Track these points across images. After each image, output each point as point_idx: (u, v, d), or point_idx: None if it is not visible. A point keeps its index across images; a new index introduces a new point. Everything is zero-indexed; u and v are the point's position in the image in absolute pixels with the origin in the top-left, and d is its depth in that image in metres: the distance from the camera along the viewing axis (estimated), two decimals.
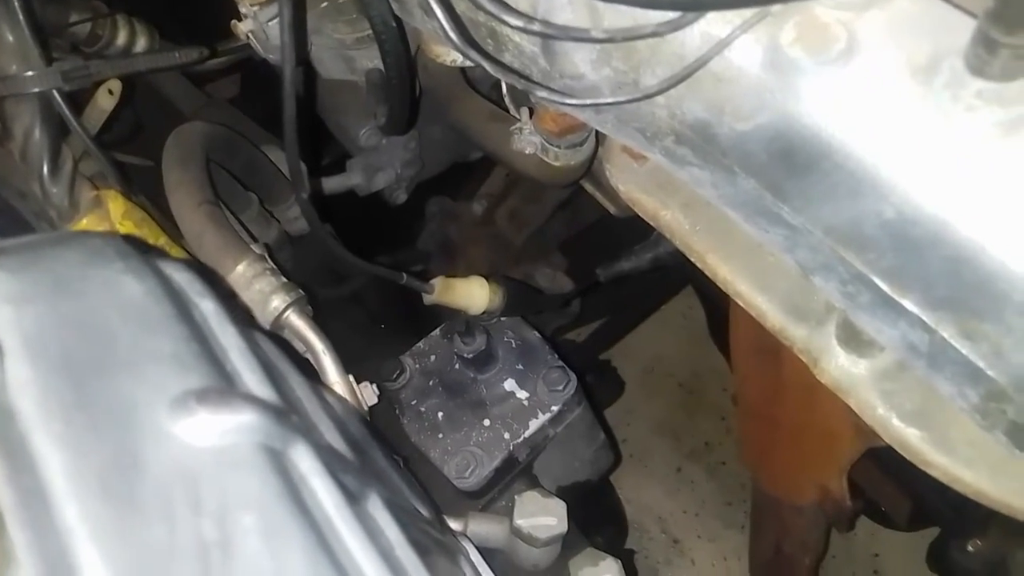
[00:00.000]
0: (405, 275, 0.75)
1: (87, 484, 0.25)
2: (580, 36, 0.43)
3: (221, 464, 0.28)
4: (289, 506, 0.29)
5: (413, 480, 0.68)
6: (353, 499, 0.38)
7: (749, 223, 0.57)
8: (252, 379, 0.35)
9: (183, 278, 0.38)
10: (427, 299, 0.79)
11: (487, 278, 0.79)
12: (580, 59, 0.55)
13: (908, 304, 0.47)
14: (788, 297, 0.64)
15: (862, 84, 0.43)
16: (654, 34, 0.44)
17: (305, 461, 0.33)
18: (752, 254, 0.65)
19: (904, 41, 0.43)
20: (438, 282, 0.77)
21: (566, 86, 0.59)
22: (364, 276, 1.30)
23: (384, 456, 0.64)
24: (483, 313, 0.90)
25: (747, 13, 0.45)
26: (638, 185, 0.71)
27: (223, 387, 0.31)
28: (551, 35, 0.45)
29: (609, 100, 0.49)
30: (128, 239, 0.38)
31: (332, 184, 1.16)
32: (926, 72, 0.42)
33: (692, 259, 0.68)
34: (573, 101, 0.50)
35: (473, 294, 0.77)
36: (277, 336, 0.76)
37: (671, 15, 0.44)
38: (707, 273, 0.68)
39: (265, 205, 1.09)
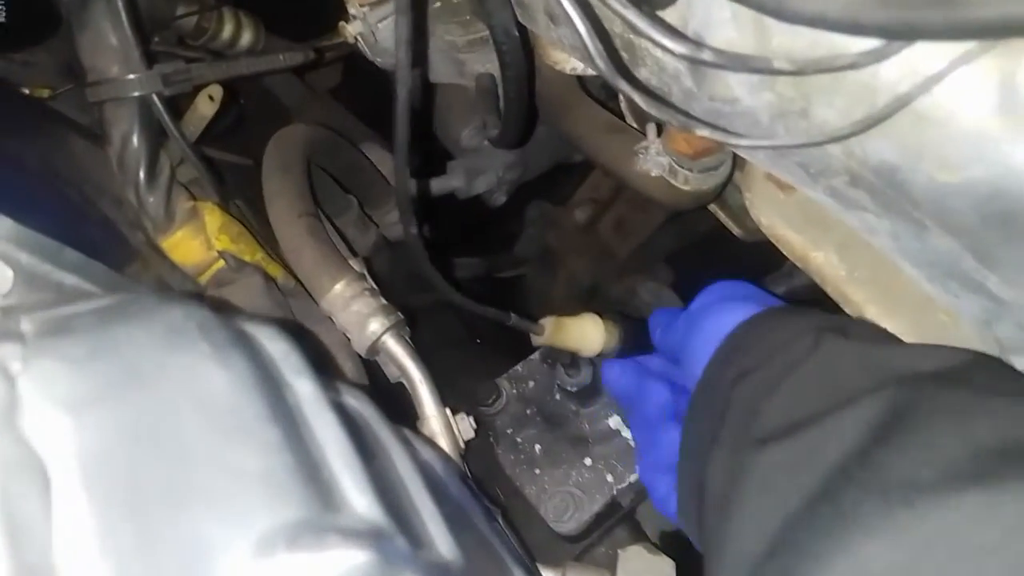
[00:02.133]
0: (513, 315, 0.68)
1: None
2: (761, 68, 0.35)
3: None
4: None
5: (510, 538, 0.61)
6: None
7: (933, 283, 0.48)
8: (352, 487, 0.29)
9: (277, 349, 0.32)
10: (535, 340, 0.72)
11: (601, 316, 0.72)
12: (736, 81, 0.47)
13: None
14: None
15: None
16: (853, 66, 0.35)
17: None
18: (921, 310, 0.55)
19: None
20: (548, 322, 0.70)
21: (713, 109, 0.51)
22: (460, 283, 1.25)
23: (483, 514, 0.58)
24: (599, 355, 0.83)
25: (969, 43, 0.36)
26: (784, 219, 0.62)
27: (318, 519, 0.25)
28: (724, 66, 0.37)
29: (787, 142, 0.40)
30: (214, 304, 0.32)
31: (433, 186, 1.11)
32: None
33: (847, 309, 0.59)
34: (745, 142, 0.42)
35: (587, 336, 0.70)
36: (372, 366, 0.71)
37: (873, 43, 0.36)
38: None
39: (364, 208, 1.05)
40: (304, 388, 0.31)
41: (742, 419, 0.46)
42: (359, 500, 0.29)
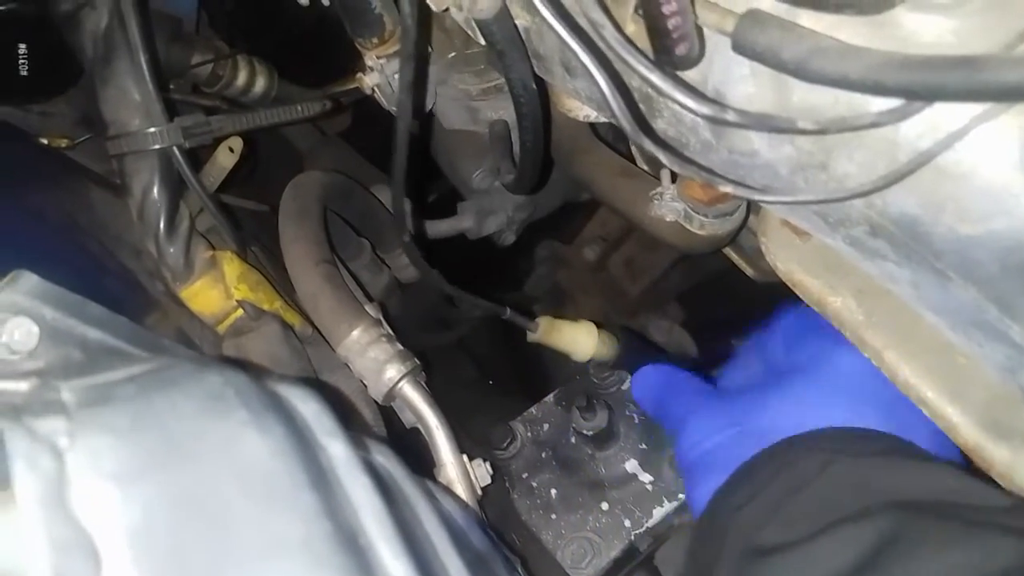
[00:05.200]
0: (508, 309, 0.69)
1: None
2: (785, 127, 0.35)
3: None
4: None
5: None
6: None
7: (956, 332, 0.48)
8: (388, 552, 0.29)
9: (310, 412, 0.32)
10: (530, 337, 0.73)
11: (600, 326, 0.72)
12: (756, 135, 0.48)
13: None
14: (987, 410, 0.54)
15: None
16: (875, 124, 0.36)
17: None
18: (941, 354, 0.55)
19: None
20: (543, 321, 0.71)
21: (732, 161, 0.52)
22: (471, 323, 1.25)
23: (503, 562, 0.58)
24: (588, 361, 0.83)
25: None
26: (801, 265, 0.62)
27: None
28: (749, 126, 0.37)
29: (810, 198, 0.41)
30: (249, 367, 0.32)
31: (443, 228, 1.12)
32: None
33: (866, 354, 0.59)
34: (769, 198, 0.42)
35: (578, 341, 0.70)
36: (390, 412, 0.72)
37: (895, 101, 0.36)
38: (884, 372, 0.58)
39: (377, 251, 1.05)
40: (337, 450, 0.32)
41: (741, 542, 0.50)
42: (395, 566, 0.29)
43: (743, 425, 0.61)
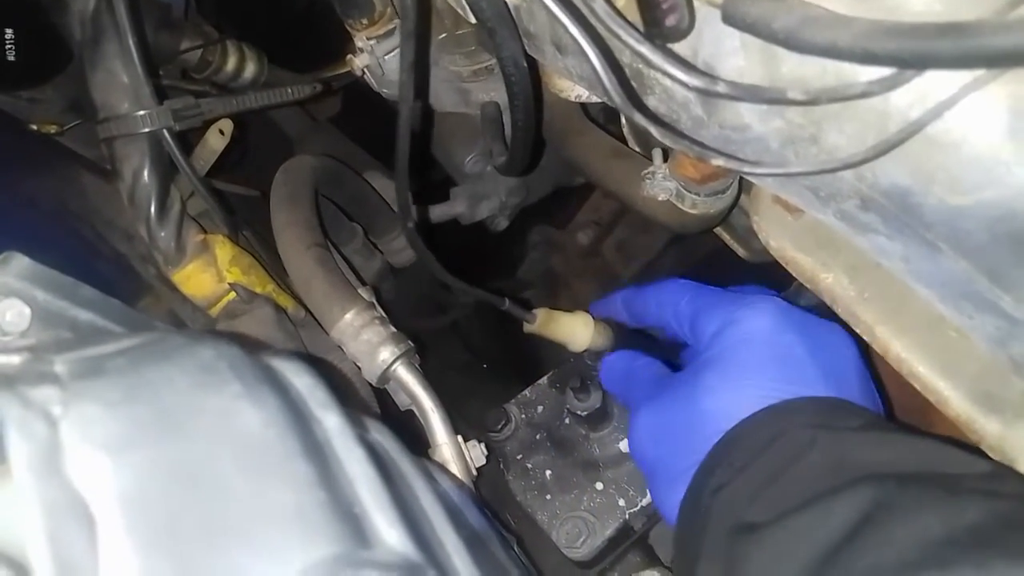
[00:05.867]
0: (507, 300, 0.70)
1: None
2: (776, 98, 0.35)
3: None
4: None
5: (528, 567, 0.61)
6: None
7: (946, 304, 0.49)
8: (383, 521, 0.29)
9: (304, 385, 0.32)
10: (527, 328, 0.74)
11: (595, 318, 0.74)
12: (747, 109, 0.48)
13: None
14: (978, 383, 0.55)
15: None
16: (864, 94, 0.36)
17: None
18: (932, 329, 0.56)
19: None
20: (541, 312, 0.72)
21: (723, 136, 0.52)
22: (465, 308, 1.25)
23: (500, 542, 0.58)
24: (584, 352, 0.84)
25: (979, 70, 0.36)
26: (793, 242, 0.62)
27: (354, 555, 0.25)
28: (740, 97, 0.37)
29: (801, 170, 0.41)
30: (242, 341, 0.32)
31: (435, 213, 1.11)
32: None
33: (858, 330, 0.59)
34: (760, 171, 0.42)
35: (576, 331, 0.72)
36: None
37: (884, 71, 0.36)
38: (876, 348, 0.59)
39: (369, 236, 1.05)
40: (332, 422, 0.32)
41: (727, 520, 0.51)
42: (390, 534, 0.29)
43: (683, 422, 0.61)
